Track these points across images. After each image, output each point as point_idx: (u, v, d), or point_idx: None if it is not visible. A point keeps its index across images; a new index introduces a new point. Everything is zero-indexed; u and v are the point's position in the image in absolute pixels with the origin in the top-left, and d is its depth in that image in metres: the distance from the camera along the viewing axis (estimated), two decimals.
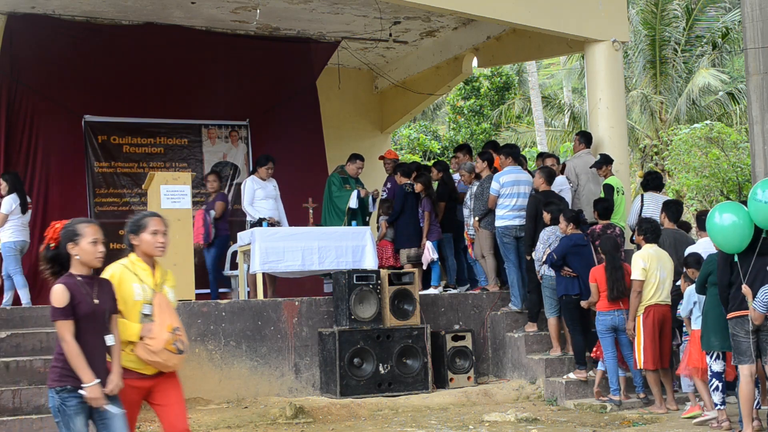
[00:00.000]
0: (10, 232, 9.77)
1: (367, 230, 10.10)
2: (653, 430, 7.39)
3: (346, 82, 14.13)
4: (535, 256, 9.14)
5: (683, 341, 7.90)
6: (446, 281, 10.71)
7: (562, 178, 10.16)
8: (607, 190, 9.88)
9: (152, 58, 12.17)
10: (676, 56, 21.23)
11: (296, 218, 11.00)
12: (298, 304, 9.11)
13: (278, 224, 10.38)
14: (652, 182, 10.09)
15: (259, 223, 10.04)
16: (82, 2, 11.35)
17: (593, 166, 10.27)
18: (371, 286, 8.92)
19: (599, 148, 10.71)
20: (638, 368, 8.17)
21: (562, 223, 8.82)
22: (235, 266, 10.79)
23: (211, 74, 12.59)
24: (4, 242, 9.77)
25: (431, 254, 10.18)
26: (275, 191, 10.61)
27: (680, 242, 8.64)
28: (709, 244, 7.34)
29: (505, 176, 9.70)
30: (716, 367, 7.04)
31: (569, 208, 9.43)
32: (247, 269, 9.90)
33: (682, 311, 7.71)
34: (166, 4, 11.51)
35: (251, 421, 7.96)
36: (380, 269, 9.33)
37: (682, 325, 7.92)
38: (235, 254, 10.78)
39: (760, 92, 8.11)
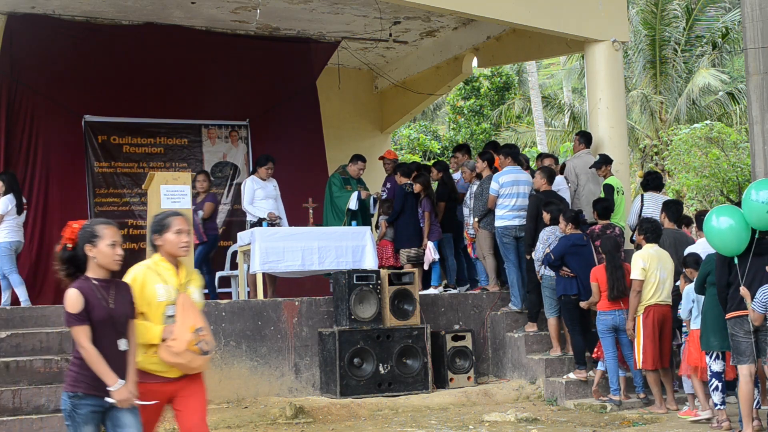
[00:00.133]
0: (5, 232, 9.78)
1: (367, 230, 10.10)
2: (653, 430, 7.39)
3: (346, 82, 14.13)
4: (534, 256, 9.14)
5: (683, 341, 7.89)
6: (446, 281, 10.71)
7: (560, 178, 10.17)
8: (607, 190, 9.88)
9: (152, 58, 12.17)
10: (676, 56, 21.23)
11: (296, 218, 11.00)
12: (298, 304, 9.11)
13: (278, 219, 10.36)
14: (652, 182, 10.09)
15: (259, 223, 10.04)
16: (82, 2, 11.35)
17: (593, 166, 10.27)
18: (371, 286, 8.92)
19: (599, 148, 10.71)
20: (638, 368, 8.18)
21: (561, 223, 8.83)
22: (235, 266, 10.79)
23: (211, 74, 12.59)
24: None
25: (433, 254, 10.18)
26: (275, 191, 10.60)
27: (680, 242, 8.64)
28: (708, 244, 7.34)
29: (504, 176, 9.70)
30: (716, 367, 7.04)
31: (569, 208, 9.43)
32: (247, 269, 9.90)
33: (681, 312, 7.71)
34: (166, 4, 11.52)
35: (251, 421, 7.96)
36: (380, 269, 9.33)
37: (682, 325, 7.91)
38: (235, 254, 10.77)
39: (760, 92, 8.11)
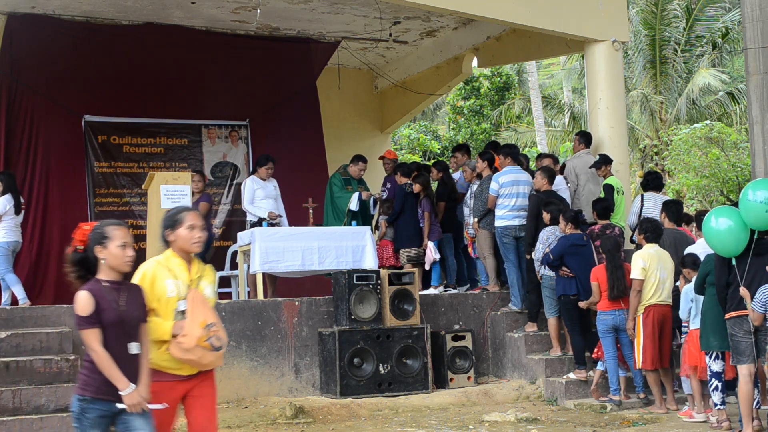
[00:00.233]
0: (3, 232, 9.77)
1: (367, 230, 10.10)
2: (653, 430, 7.39)
3: (346, 82, 14.13)
4: (534, 256, 9.14)
5: (683, 341, 7.89)
6: (446, 281, 10.71)
7: (559, 178, 10.16)
8: (606, 190, 9.88)
9: (152, 58, 12.17)
10: (676, 56, 21.23)
11: (296, 218, 10.99)
12: (298, 304, 9.11)
13: (279, 218, 10.36)
14: (652, 182, 10.09)
15: (259, 223, 10.04)
16: (82, 2, 11.35)
17: (592, 166, 10.26)
18: (371, 286, 8.92)
19: (599, 148, 10.71)
20: (638, 368, 8.17)
21: (561, 223, 8.82)
22: (235, 266, 10.79)
23: (211, 74, 12.60)
24: None
25: (434, 254, 10.18)
26: (275, 191, 10.60)
27: (680, 242, 8.63)
28: None
29: (504, 176, 9.70)
30: (715, 367, 7.03)
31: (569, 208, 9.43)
32: (247, 269, 9.90)
33: (681, 312, 7.71)
34: (166, 4, 11.51)
35: (251, 421, 7.96)
36: (380, 269, 9.33)
37: (681, 325, 7.91)
38: (235, 254, 10.77)
39: (760, 92, 8.10)
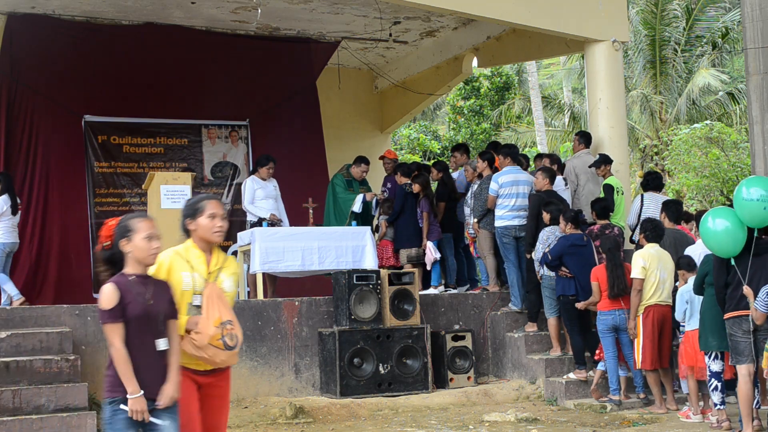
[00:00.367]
0: (0, 233, 9.77)
1: (367, 230, 10.09)
2: (653, 430, 7.38)
3: (346, 82, 14.13)
4: (534, 256, 9.13)
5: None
6: (445, 281, 10.70)
7: (558, 178, 10.16)
8: (606, 190, 9.88)
9: (152, 58, 12.17)
10: (676, 56, 21.23)
11: (296, 218, 10.99)
12: (298, 304, 9.11)
13: (279, 222, 10.36)
14: (652, 182, 10.09)
15: (259, 223, 10.04)
16: (82, 2, 11.35)
17: (592, 165, 10.26)
18: (371, 286, 8.92)
19: (599, 148, 10.71)
20: (638, 368, 8.17)
21: (561, 223, 8.82)
22: None
23: (211, 74, 12.60)
24: None
25: (434, 254, 10.17)
26: (275, 191, 10.60)
27: (681, 242, 8.63)
28: None
29: (503, 176, 9.70)
30: (715, 367, 7.03)
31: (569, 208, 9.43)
32: (247, 269, 9.90)
33: (676, 314, 7.72)
34: (166, 4, 11.52)
35: (251, 421, 7.96)
36: (380, 269, 9.33)
37: (681, 325, 7.91)
38: (235, 254, 10.77)
39: (760, 92, 8.10)
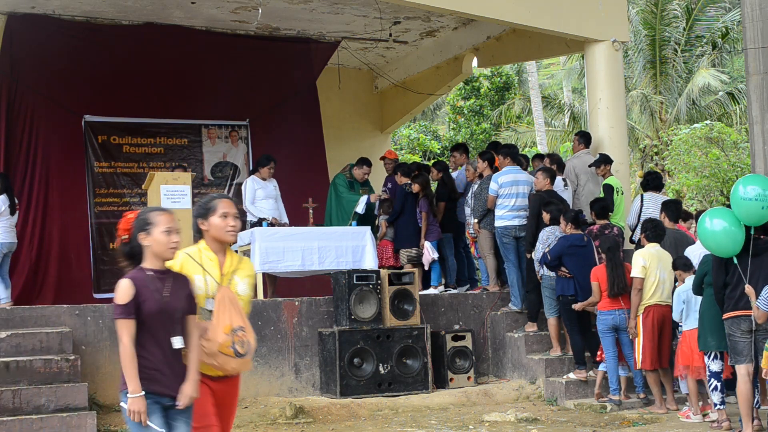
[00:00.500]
0: None
1: (367, 230, 10.10)
2: (653, 430, 7.39)
3: (346, 82, 14.13)
4: (534, 256, 9.13)
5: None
6: (444, 280, 10.70)
7: (558, 178, 10.16)
8: (606, 190, 9.88)
9: (152, 58, 12.17)
10: (676, 56, 21.23)
11: (296, 218, 10.99)
12: (298, 304, 9.11)
13: (283, 224, 10.36)
14: (652, 182, 10.08)
15: (259, 223, 10.04)
16: (82, 2, 11.35)
17: (592, 164, 10.26)
18: (371, 286, 8.92)
19: (599, 148, 10.71)
20: (638, 368, 8.17)
21: (562, 223, 8.82)
22: None
23: (211, 74, 12.60)
24: None
25: (431, 254, 10.17)
26: (275, 191, 10.60)
27: (681, 242, 8.63)
28: None
29: (503, 176, 9.70)
30: (714, 367, 7.03)
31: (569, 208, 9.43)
32: None
33: (673, 314, 7.72)
34: (166, 4, 11.51)
35: (251, 421, 7.96)
36: (380, 269, 9.33)
37: (679, 325, 7.91)
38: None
39: (760, 92, 8.10)
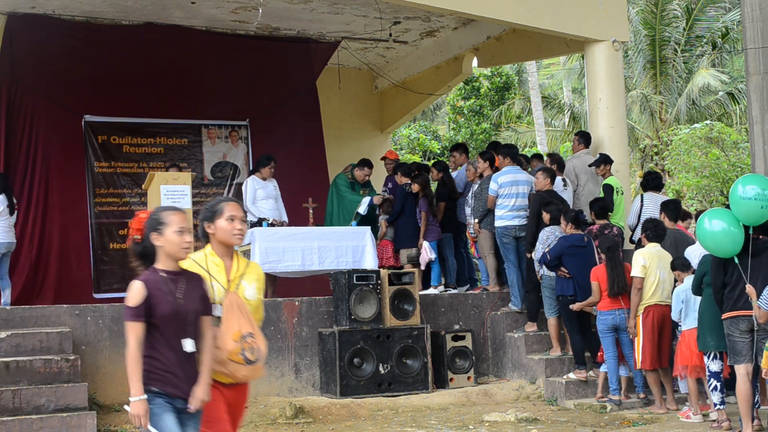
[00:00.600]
0: None
1: (367, 230, 10.09)
2: (653, 430, 7.39)
3: (346, 82, 14.13)
4: (534, 256, 9.13)
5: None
6: (446, 281, 10.70)
7: (558, 179, 10.16)
8: (606, 190, 9.88)
9: (152, 58, 12.16)
10: (676, 56, 21.24)
11: (296, 218, 10.99)
12: (298, 304, 9.11)
13: (283, 224, 10.35)
14: (651, 182, 10.08)
15: (259, 223, 10.04)
16: (82, 2, 11.35)
17: (592, 164, 10.26)
18: (371, 286, 8.92)
19: (599, 148, 10.71)
20: (638, 368, 8.17)
21: (562, 223, 8.82)
22: None
23: (211, 74, 12.59)
24: None
25: (428, 254, 10.17)
26: (275, 191, 10.60)
27: (681, 242, 8.64)
28: None
29: (503, 176, 9.70)
30: (714, 367, 7.04)
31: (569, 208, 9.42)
32: None
33: (672, 314, 7.72)
34: (166, 4, 11.51)
35: (251, 421, 7.96)
36: (380, 269, 9.33)
37: (678, 325, 7.91)
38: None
39: (760, 92, 8.11)
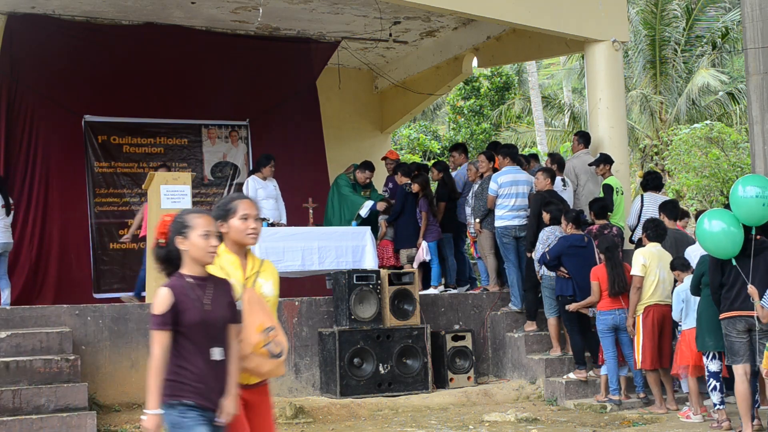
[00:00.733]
0: None
1: (367, 230, 10.10)
2: (653, 430, 7.39)
3: (346, 82, 14.13)
4: (534, 256, 9.13)
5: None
6: (446, 281, 10.70)
7: (557, 179, 10.16)
8: (606, 190, 9.88)
9: (152, 58, 12.16)
10: (676, 56, 21.24)
11: (296, 218, 10.99)
12: (298, 304, 9.10)
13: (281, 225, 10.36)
14: (651, 182, 10.08)
15: None
16: (82, 2, 11.35)
17: (592, 163, 10.26)
18: (371, 286, 8.92)
19: (599, 148, 10.71)
20: (638, 368, 8.17)
21: (563, 223, 8.82)
22: None
23: (211, 74, 12.59)
24: None
25: (425, 255, 10.16)
26: (276, 191, 10.61)
27: (681, 242, 8.64)
28: None
29: (503, 176, 9.70)
30: (713, 367, 7.04)
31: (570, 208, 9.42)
32: None
33: (673, 314, 7.72)
34: (166, 4, 11.51)
35: None
36: (380, 269, 9.33)
37: (678, 324, 7.91)
38: None
39: (760, 92, 8.11)
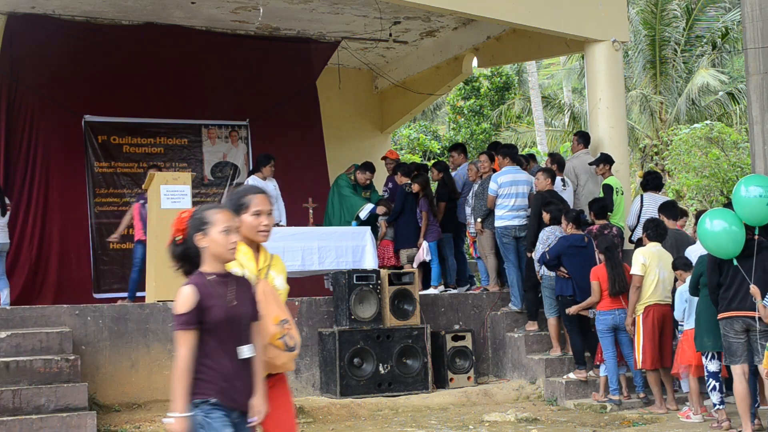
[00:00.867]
0: None
1: (367, 230, 10.10)
2: (653, 430, 7.39)
3: (346, 82, 14.13)
4: (534, 256, 9.13)
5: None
6: (446, 281, 10.70)
7: (557, 179, 10.16)
8: (606, 190, 9.88)
9: (152, 58, 12.17)
10: (676, 56, 21.23)
11: (296, 218, 10.99)
12: (298, 304, 9.10)
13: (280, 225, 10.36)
14: (651, 182, 10.07)
15: None
16: (82, 2, 11.35)
17: (592, 163, 10.26)
18: (371, 286, 8.92)
19: (599, 148, 10.71)
20: (638, 368, 8.17)
21: (563, 223, 8.82)
22: None
23: (211, 74, 12.60)
24: None
25: (425, 255, 10.17)
26: (276, 191, 10.60)
27: (681, 242, 8.64)
28: None
29: (502, 176, 9.70)
30: (712, 367, 7.04)
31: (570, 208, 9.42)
32: None
33: (675, 313, 7.72)
34: (166, 4, 11.51)
35: None
36: (380, 269, 9.33)
37: (679, 324, 7.91)
38: None
39: (760, 92, 8.10)
